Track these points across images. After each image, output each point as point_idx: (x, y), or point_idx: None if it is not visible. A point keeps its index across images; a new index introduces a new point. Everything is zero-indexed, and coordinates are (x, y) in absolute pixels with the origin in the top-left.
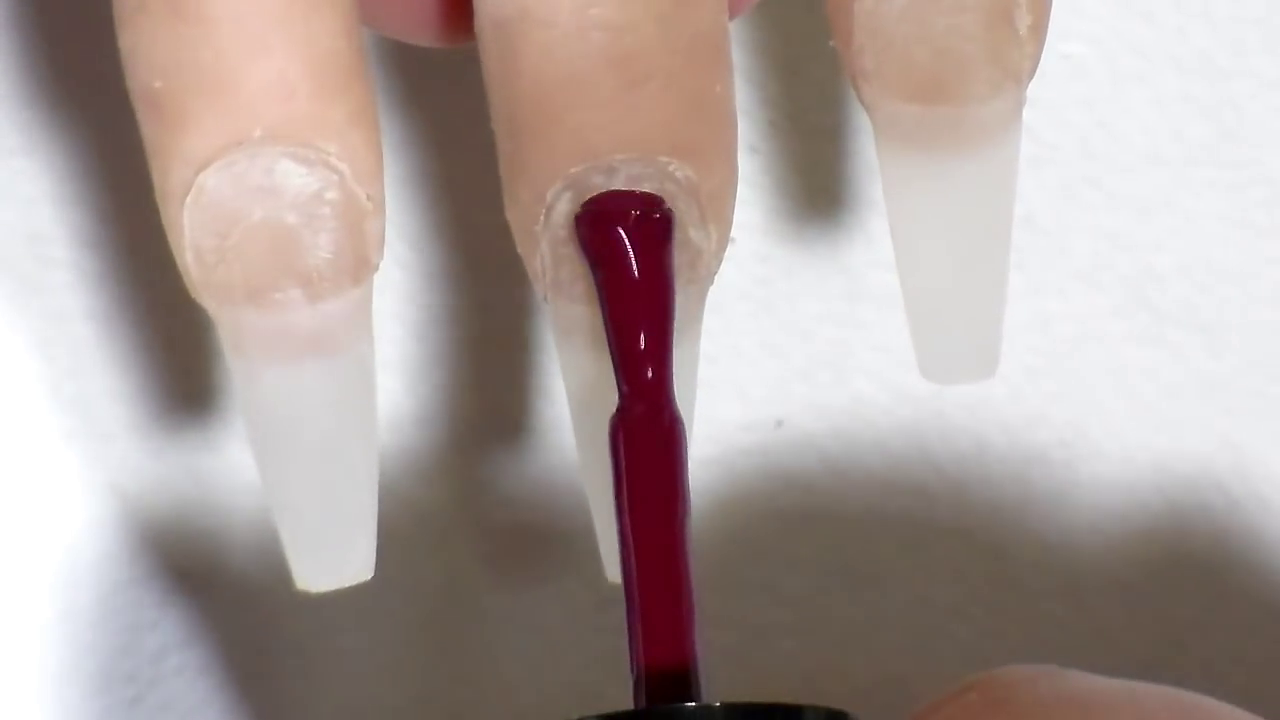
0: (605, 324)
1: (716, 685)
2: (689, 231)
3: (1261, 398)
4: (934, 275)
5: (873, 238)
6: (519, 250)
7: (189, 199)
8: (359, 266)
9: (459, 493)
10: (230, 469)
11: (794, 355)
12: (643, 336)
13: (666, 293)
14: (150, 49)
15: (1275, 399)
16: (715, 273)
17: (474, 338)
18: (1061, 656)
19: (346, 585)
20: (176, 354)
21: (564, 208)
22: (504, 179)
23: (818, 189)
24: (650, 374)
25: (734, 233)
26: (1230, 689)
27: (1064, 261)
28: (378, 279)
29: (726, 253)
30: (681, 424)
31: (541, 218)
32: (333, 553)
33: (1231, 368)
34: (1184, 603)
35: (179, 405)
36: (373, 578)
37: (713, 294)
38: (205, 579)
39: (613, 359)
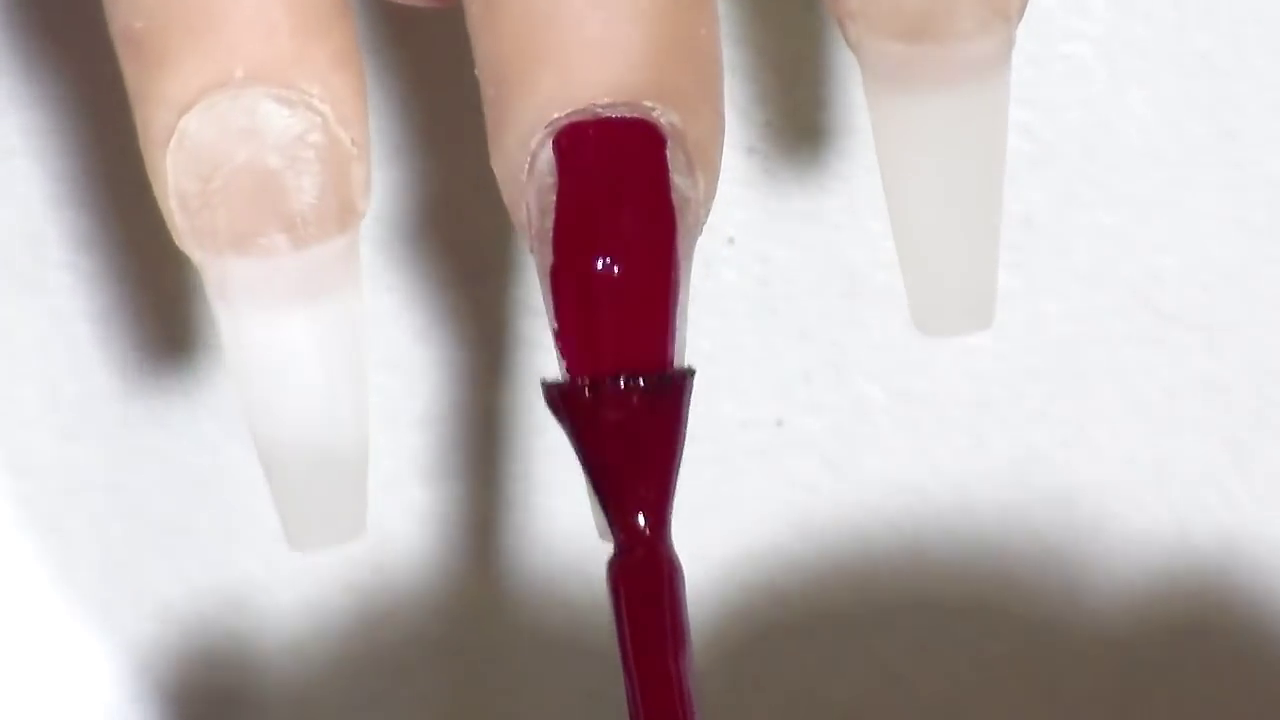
0: (590, 478)
1: (716, 684)
2: (675, 179)
3: (1261, 397)
4: (925, 222)
5: (873, 238)
6: (505, 200)
7: (172, 143)
8: (344, 212)
9: (459, 493)
10: (230, 468)
11: (794, 355)
12: (640, 489)
13: (674, 447)
14: None
15: (1275, 399)
16: (703, 222)
17: (474, 338)
18: (1061, 656)
19: (339, 545)
20: (177, 354)
21: (548, 154)
22: (489, 127)
23: (817, 189)
24: (647, 527)
25: (733, 232)
26: (1230, 689)
27: (1064, 261)
28: (376, 282)
29: (725, 252)
30: (679, 567)
31: (526, 165)
32: (324, 511)
33: (1232, 368)
34: (1184, 603)
35: (179, 405)
36: (372, 578)
37: (713, 294)
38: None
39: (604, 508)
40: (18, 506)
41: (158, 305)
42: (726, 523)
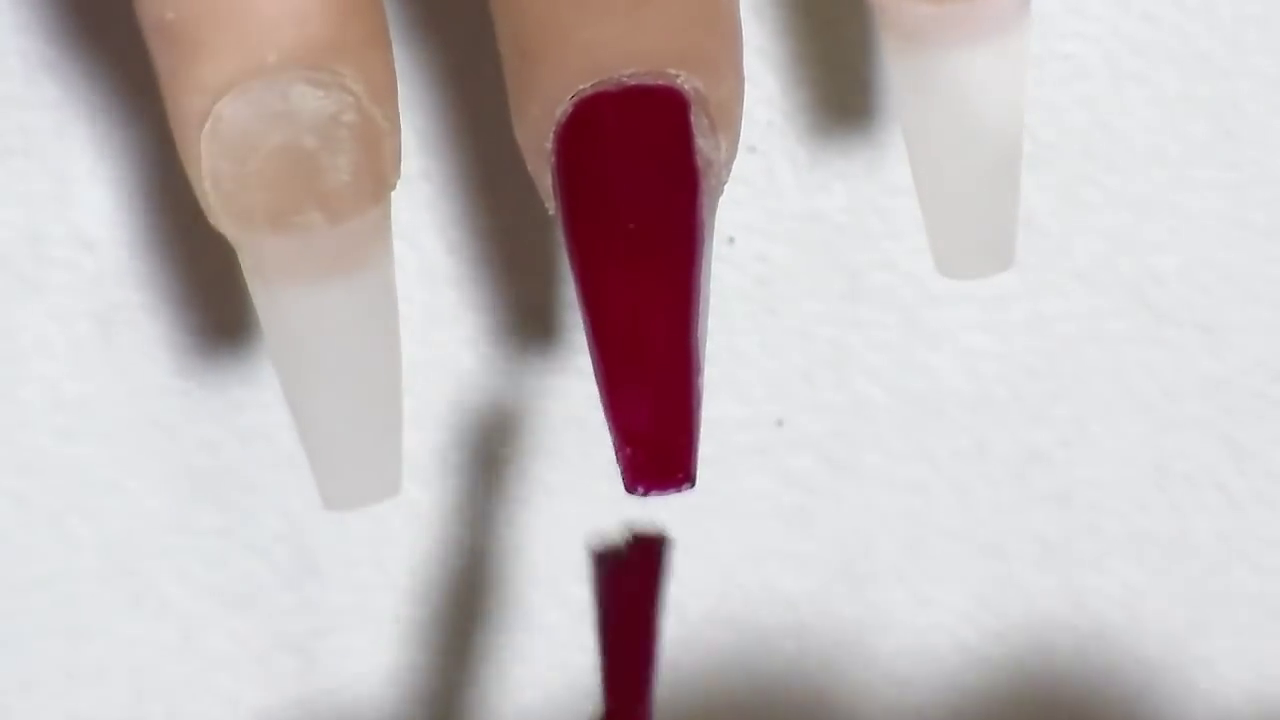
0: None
1: (716, 684)
2: (699, 142)
3: (1261, 398)
4: (948, 171)
5: (873, 238)
6: (529, 168)
7: (206, 128)
8: (378, 186)
9: (459, 492)
10: (231, 468)
11: (794, 355)
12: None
13: (651, 660)
14: None
15: (1275, 399)
16: (725, 182)
17: (473, 337)
18: (1061, 656)
19: (376, 504)
20: (177, 355)
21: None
22: (513, 97)
23: (817, 188)
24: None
25: (733, 232)
26: (1231, 688)
27: (1064, 261)
28: None
29: (725, 252)
30: None
31: (551, 134)
32: (361, 472)
33: (1231, 368)
34: (1185, 602)
35: (180, 405)
36: (371, 579)
37: (712, 294)
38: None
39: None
40: (18, 506)
41: (159, 305)
42: (726, 523)
